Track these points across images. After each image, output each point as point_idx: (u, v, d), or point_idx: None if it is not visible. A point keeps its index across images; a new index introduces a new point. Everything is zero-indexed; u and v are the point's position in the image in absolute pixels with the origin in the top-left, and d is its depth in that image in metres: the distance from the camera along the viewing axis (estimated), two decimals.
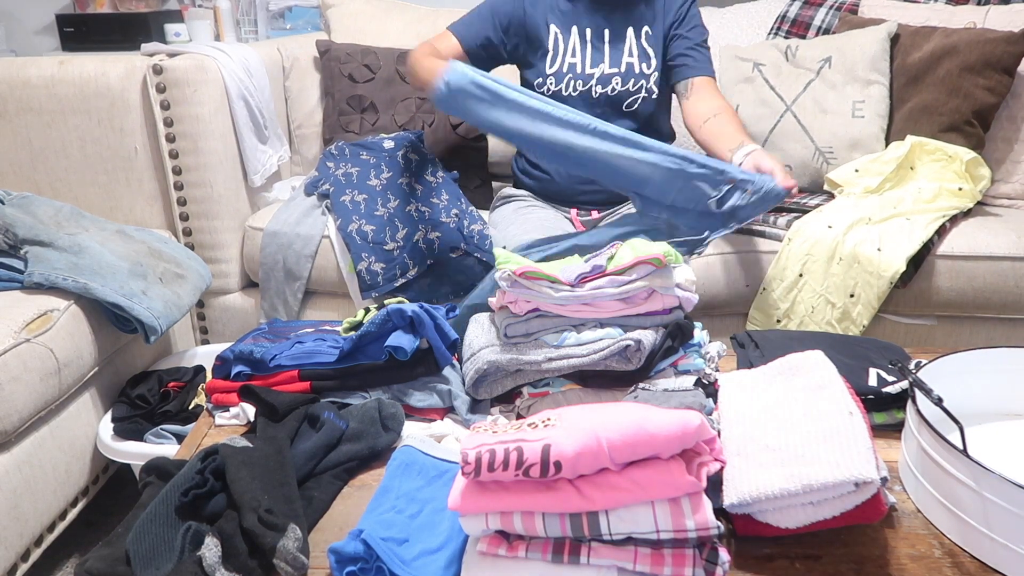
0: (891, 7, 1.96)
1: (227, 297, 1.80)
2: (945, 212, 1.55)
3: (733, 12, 2.16)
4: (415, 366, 1.08)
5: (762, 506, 0.77)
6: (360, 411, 1.01)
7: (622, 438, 0.71)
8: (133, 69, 1.66)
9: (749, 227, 1.63)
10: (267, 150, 1.89)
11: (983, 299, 1.51)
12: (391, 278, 1.60)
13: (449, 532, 0.81)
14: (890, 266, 1.44)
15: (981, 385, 0.97)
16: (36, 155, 1.69)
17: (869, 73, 1.76)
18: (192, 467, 0.87)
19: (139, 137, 1.69)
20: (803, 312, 1.53)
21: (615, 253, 1.08)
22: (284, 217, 1.72)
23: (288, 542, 0.76)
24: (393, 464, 0.93)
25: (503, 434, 0.74)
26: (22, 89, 1.65)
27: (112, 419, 1.36)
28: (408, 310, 1.08)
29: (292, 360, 1.10)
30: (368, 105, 1.99)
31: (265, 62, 1.91)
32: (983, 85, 1.69)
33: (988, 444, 0.92)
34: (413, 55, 1.57)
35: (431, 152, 1.93)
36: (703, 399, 0.98)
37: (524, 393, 1.05)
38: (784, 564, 0.78)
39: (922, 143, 1.65)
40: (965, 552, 0.79)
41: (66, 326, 1.27)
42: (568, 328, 1.05)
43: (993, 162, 1.75)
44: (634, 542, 0.72)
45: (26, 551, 1.22)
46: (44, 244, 1.33)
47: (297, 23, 2.90)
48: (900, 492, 0.89)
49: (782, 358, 0.98)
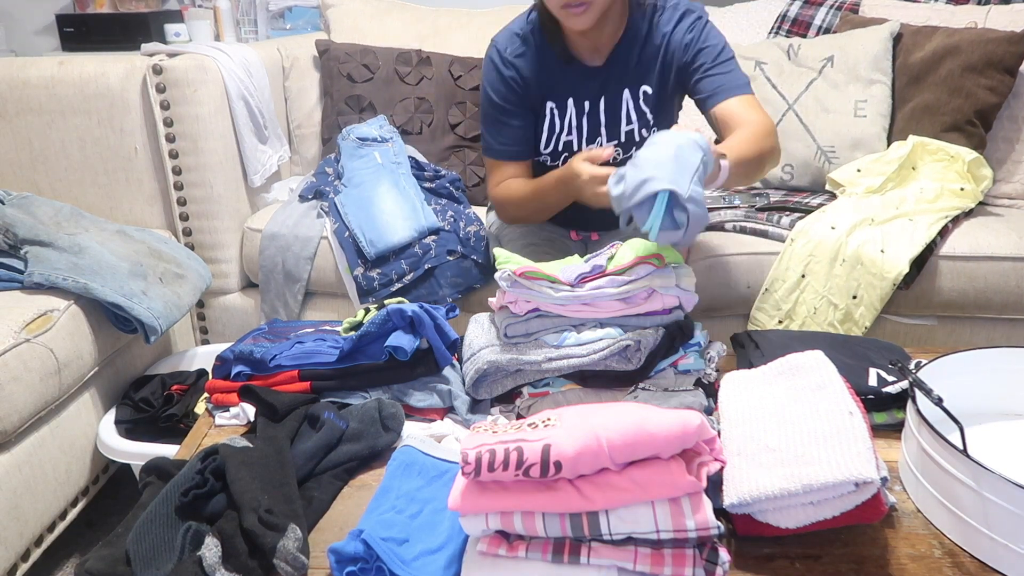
0: (892, 7, 1.96)
1: (227, 297, 1.80)
2: (947, 212, 1.55)
3: (733, 12, 2.16)
4: (415, 366, 1.08)
5: (762, 506, 0.77)
6: (360, 411, 1.01)
7: (622, 438, 0.71)
8: (133, 69, 1.66)
9: (752, 227, 1.63)
10: (267, 150, 1.89)
11: (984, 299, 1.51)
12: (387, 283, 1.60)
13: (449, 532, 0.81)
14: (893, 267, 1.44)
15: (981, 385, 0.97)
16: (36, 155, 1.69)
17: (871, 72, 1.76)
18: (192, 467, 0.87)
19: (139, 137, 1.69)
20: (805, 313, 1.53)
21: (615, 253, 1.08)
22: (282, 219, 1.72)
23: (288, 542, 0.76)
24: (393, 464, 0.92)
25: (503, 434, 0.74)
26: (22, 89, 1.65)
27: (116, 422, 1.36)
28: (408, 310, 1.08)
29: (292, 360, 1.10)
30: (367, 105, 1.99)
31: (265, 62, 1.91)
32: (985, 85, 1.69)
33: (988, 444, 0.92)
34: (501, 203, 1.44)
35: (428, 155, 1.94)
36: (703, 399, 0.98)
37: (524, 393, 1.05)
38: (784, 564, 0.78)
39: (924, 143, 1.65)
40: (965, 552, 0.79)
41: (66, 326, 1.27)
42: (568, 328, 1.05)
43: (995, 162, 1.75)
44: (634, 542, 0.71)
45: (26, 551, 1.22)
46: (44, 244, 1.33)
47: (297, 23, 2.89)
48: (900, 492, 0.89)
49: (782, 358, 0.98)
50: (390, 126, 1.91)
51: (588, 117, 1.42)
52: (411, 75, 2.00)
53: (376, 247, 1.59)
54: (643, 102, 1.40)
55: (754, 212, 1.66)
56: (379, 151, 1.81)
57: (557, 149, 1.45)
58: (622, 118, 1.41)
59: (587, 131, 1.43)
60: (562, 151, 1.46)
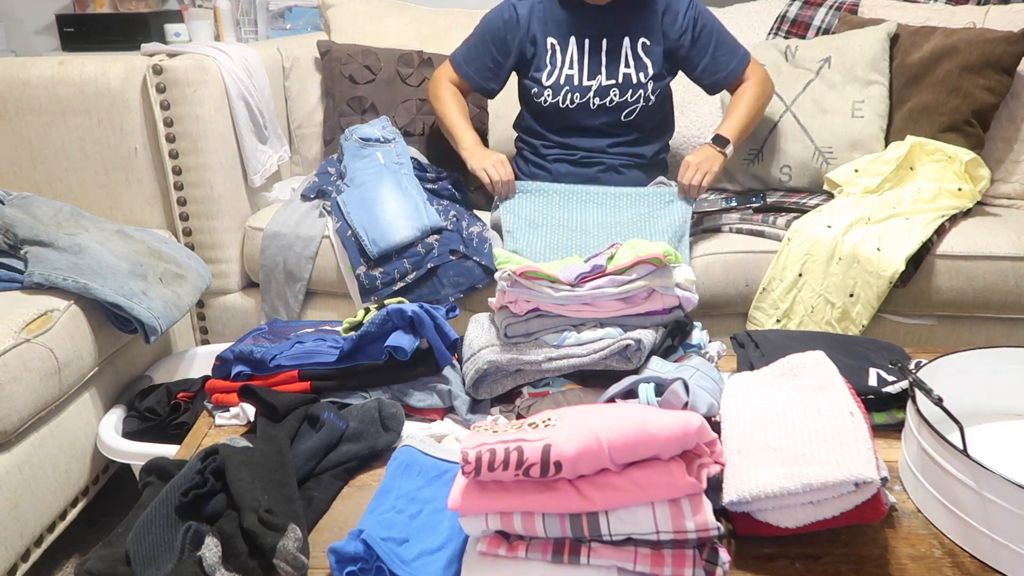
0: (891, 7, 1.96)
1: (227, 297, 1.79)
2: (945, 212, 1.55)
3: (733, 12, 2.16)
4: (415, 366, 1.08)
5: (762, 504, 0.77)
6: (360, 411, 1.01)
7: (623, 438, 0.71)
8: (133, 69, 1.66)
9: (749, 228, 1.63)
10: (267, 150, 1.89)
11: (983, 299, 1.51)
12: (389, 282, 1.60)
13: (449, 532, 0.81)
14: (889, 265, 1.44)
15: (981, 385, 0.97)
16: (36, 155, 1.69)
17: (869, 73, 1.76)
18: (192, 467, 0.87)
19: (139, 137, 1.69)
20: (803, 312, 1.53)
21: (615, 253, 1.08)
22: (284, 218, 1.72)
23: (288, 542, 0.76)
24: (393, 464, 0.93)
25: (503, 434, 0.74)
26: (22, 89, 1.64)
27: (124, 434, 1.35)
28: (408, 310, 1.08)
29: (292, 360, 1.10)
30: (369, 106, 1.99)
31: (265, 62, 1.91)
32: (983, 85, 1.69)
33: (988, 444, 0.92)
34: (434, 89, 1.65)
35: (430, 156, 1.94)
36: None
37: (524, 393, 1.05)
38: (784, 564, 0.78)
39: (922, 143, 1.65)
40: (965, 552, 0.79)
41: (66, 326, 1.27)
42: (568, 328, 1.05)
43: (993, 162, 1.75)
44: (634, 543, 0.72)
45: (26, 551, 1.22)
46: (44, 244, 1.33)
47: (297, 23, 2.90)
48: (900, 492, 0.89)
49: (783, 359, 0.98)
50: (392, 127, 1.92)
51: (589, 55, 1.56)
52: (413, 76, 2.00)
53: (379, 246, 1.60)
54: (642, 50, 1.55)
55: (750, 215, 1.66)
56: (382, 151, 1.81)
57: (559, 82, 1.58)
58: (621, 61, 1.56)
59: (588, 68, 1.56)
60: (563, 84, 1.58)
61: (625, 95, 1.57)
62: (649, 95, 1.59)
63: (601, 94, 1.57)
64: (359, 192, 1.71)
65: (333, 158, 1.90)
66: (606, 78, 1.56)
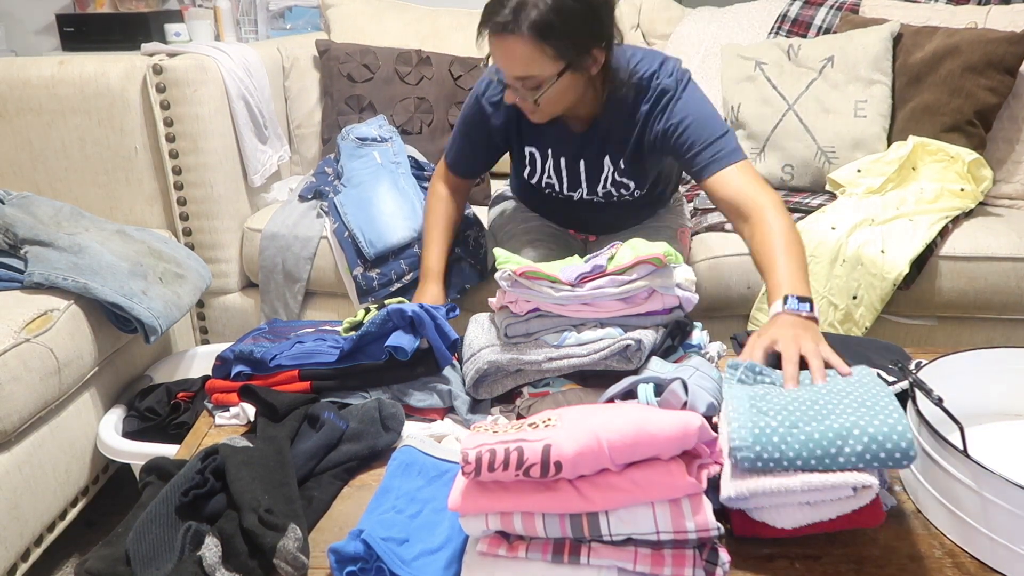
0: (892, 7, 1.96)
1: (227, 297, 1.80)
2: (947, 213, 1.55)
3: (733, 12, 2.16)
4: (415, 366, 1.08)
5: (759, 502, 0.77)
6: (360, 411, 1.01)
7: (622, 439, 0.71)
8: (133, 69, 1.66)
9: None
10: (267, 150, 1.89)
11: (984, 300, 1.51)
12: (386, 283, 1.60)
13: (449, 532, 0.81)
14: (893, 268, 1.44)
15: (981, 385, 0.97)
16: (36, 155, 1.69)
17: (871, 73, 1.76)
18: (192, 467, 0.87)
19: (139, 137, 1.69)
20: None
21: (615, 253, 1.08)
22: (281, 219, 1.72)
23: (288, 542, 0.76)
24: (393, 464, 0.92)
25: (503, 434, 0.74)
26: (22, 89, 1.64)
27: (124, 434, 1.35)
28: (408, 310, 1.08)
29: (292, 360, 1.10)
30: (367, 105, 1.99)
31: (265, 62, 1.91)
32: (985, 85, 1.69)
33: (988, 444, 0.92)
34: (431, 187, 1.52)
35: (428, 155, 1.94)
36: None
37: (524, 393, 1.05)
38: (784, 564, 0.78)
39: (924, 143, 1.65)
40: (965, 552, 0.79)
41: (66, 326, 1.27)
42: (568, 328, 1.05)
43: (995, 162, 1.75)
44: (634, 543, 0.71)
45: (26, 551, 1.22)
46: (44, 244, 1.33)
47: (297, 23, 2.90)
48: (900, 492, 0.89)
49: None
50: (389, 126, 1.91)
51: (568, 170, 1.43)
52: (411, 75, 2.00)
53: (375, 247, 1.59)
54: (619, 174, 1.40)
55: None
56: (378, 151, 1.81)
57: (542, 184, 1.47)
58: (601, 180, 1.42)
59: (567, 181, 1.44)
60: (545, 189, 1.48)
61: (612, 199, 1.46)
62: (635, 193, 1.45)
63: (584, 201, 1.48)
64: (356, 192, 1.71)
65: (330, 158, 1.90)
66: (587, 192, 1.45)
